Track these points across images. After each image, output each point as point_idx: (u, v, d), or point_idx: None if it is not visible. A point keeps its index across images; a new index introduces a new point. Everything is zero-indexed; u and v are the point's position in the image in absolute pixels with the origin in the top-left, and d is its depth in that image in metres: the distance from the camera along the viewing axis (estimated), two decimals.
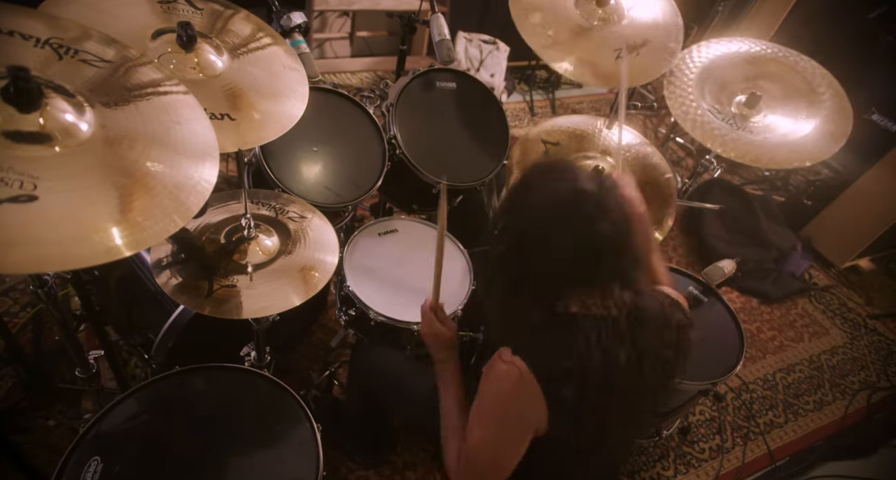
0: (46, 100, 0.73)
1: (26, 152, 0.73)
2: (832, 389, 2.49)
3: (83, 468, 1.09)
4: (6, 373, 1.78)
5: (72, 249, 0.72)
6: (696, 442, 2.13)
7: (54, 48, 0.79)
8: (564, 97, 3.70)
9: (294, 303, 1.17)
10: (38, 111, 0.72)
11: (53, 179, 0.74)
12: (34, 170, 0.73)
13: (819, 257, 3.07)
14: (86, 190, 0.76)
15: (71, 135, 0.75)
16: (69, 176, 0.76)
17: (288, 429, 1.27)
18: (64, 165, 0.77)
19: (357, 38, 3.23)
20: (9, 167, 0.72)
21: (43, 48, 0.78)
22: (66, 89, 0.77)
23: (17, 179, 0.72)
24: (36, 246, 0.70)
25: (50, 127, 0.73)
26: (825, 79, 1.61)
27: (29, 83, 0.66)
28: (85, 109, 0.78)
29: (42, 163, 0.75)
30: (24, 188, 0.71)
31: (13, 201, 0.70)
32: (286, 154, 1.49)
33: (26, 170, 0.73)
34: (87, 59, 0.81)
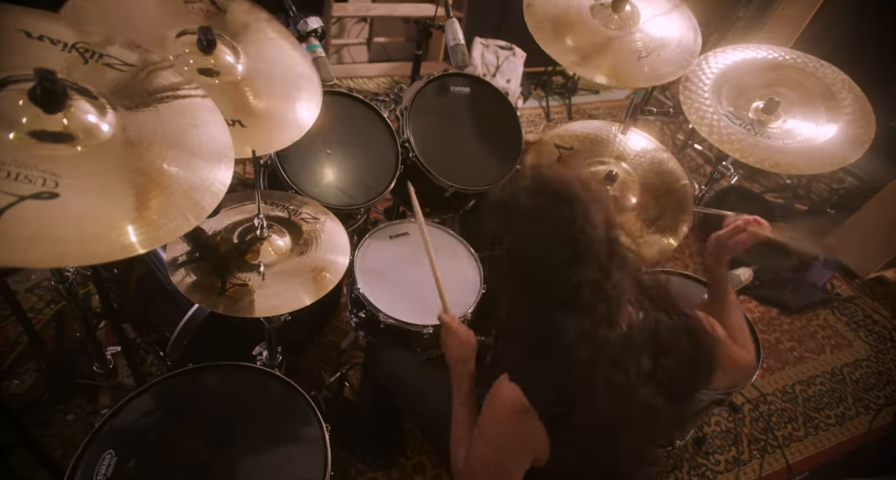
0: (70, 102, 0.76)
1: (49, 151, 0.76)
2: (855, 403, 2.42)
3: (97, 460, 1.12)
4: (30, 368, 1.83)
5: (90, 245, 0.74)
6: (711, 454, 2.09)
7: (80, 52, 0.82)
8: (581, 103, 3.69)
9: (305, 303, 1.18)
10: (63, 112, 0.75)
11: (74, 177, 0.76)
12: (56, 168, 0.76)
13: (842, 267, 3.00)
14: (105, 188, 0.79)
15: (92, 136, 0.78)
16: (89, 174, 0.79)
17: (297, 429, 1.28)
18: (85, 164, 0.79)
19: (375, 43, 3.27)
20: (33, 165, 0.75)
21: (70, 52, 0.82)
22: (89, 91, 0.80)
23: (41, 177, 0.74)
24: (56, 241, 0.73)
25: (73, 127, 0.76)
26: (846, 84, 1.58)
27: (55, 85, 0.69)
28: (107, 111, 0.80)
29: (64, 161, 0.77)
30: (47, 185, 0.74)
31: (36, 198, 0.72)
32: (301, 156, 1.52)
33: (49, 168, 0.76)
34: (111, 62, 0.84)
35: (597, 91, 3.80)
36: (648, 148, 1.89)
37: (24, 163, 0.74)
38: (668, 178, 1.82)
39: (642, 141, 1.91)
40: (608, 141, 1.89)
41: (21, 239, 0.69)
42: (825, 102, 1.55)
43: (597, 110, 3.71)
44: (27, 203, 0.72)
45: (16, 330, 1.91)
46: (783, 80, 1.62)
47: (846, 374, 2.54)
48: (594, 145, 1.87)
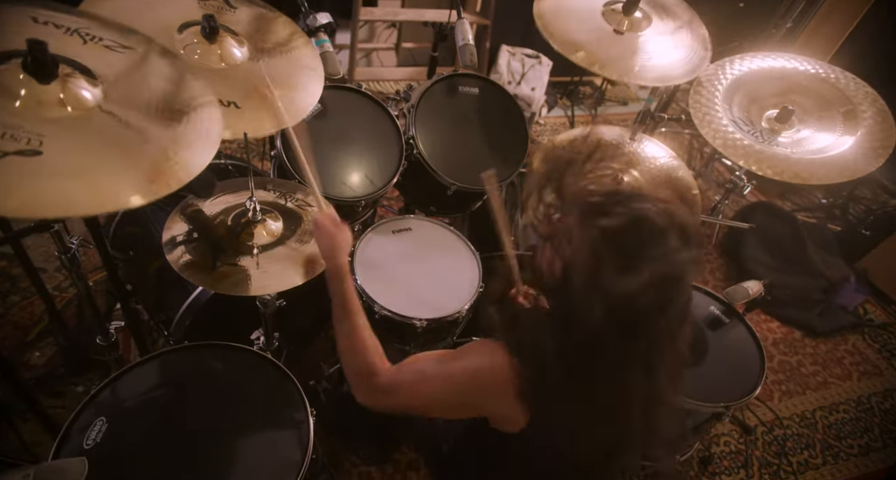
0: (65, 76, 0.82)
1: (36, 113, 0.80)
2: (882, 435, 2.29)
3: (89, 425, 1.17)
4: (50, 342, 1.94)
5: (70, 199, 0.78)
6: (717, 474, 2.01)
7: (81, 35, 0.87)
8: (608, 113, 3.65)
9: (295, 283, 1.21)
10: (58, 83, 0.81)
11: (58, 139, 0.80)
12: (42, 129, 0.80)
13: (876, 292, 2.86)
14: (89, 147, 0.83)
15: (81, 104, 0.83)
16: (73, 137, 0.83)
17: (285, 412, 1.30)
18: (68, 128, 0.83)
19: (402, 48, 3.34)
20: (19, 126, 0.79)
21: (71, 35, 0.87)
22: (82, 65, 0.86)
23: (26, 136, 0.79)
24: (36, 193, 0.75)
25: (67, 98, 0.82)
26: (868, 96, 1.52)
27: (45, 55, 0.75)
28: (97, 83, 0.86)
29: (49, 124, 0.81)
30: (31, 144, 0.78)
31: (19, 154, 0.76)
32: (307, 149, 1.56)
33: (34, 129, 0.80)
34: (109, 45, 0.89)
35: (625, 102, 3.76)
36: (660, 155, 1.86)
37: (11, 124, 0.78)
38: (678, 186, 1.79)
39: (655, 148, 1.88)
40: (619, 146, 1.87)
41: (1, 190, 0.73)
42: (843, 114, 1.50)
43: (624, 122, 3.66)
44: (10, 158, 0.76)
45: (41, 306, 2.02)
46: (799, 89, 1.57)
47: (874, 404, 2.40)
48: (604, 150, 1.86)
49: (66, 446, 1.15)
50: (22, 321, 1.99)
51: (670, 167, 1.81)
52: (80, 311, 2.05)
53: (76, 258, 1.14)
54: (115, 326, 1.41)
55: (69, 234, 1.18)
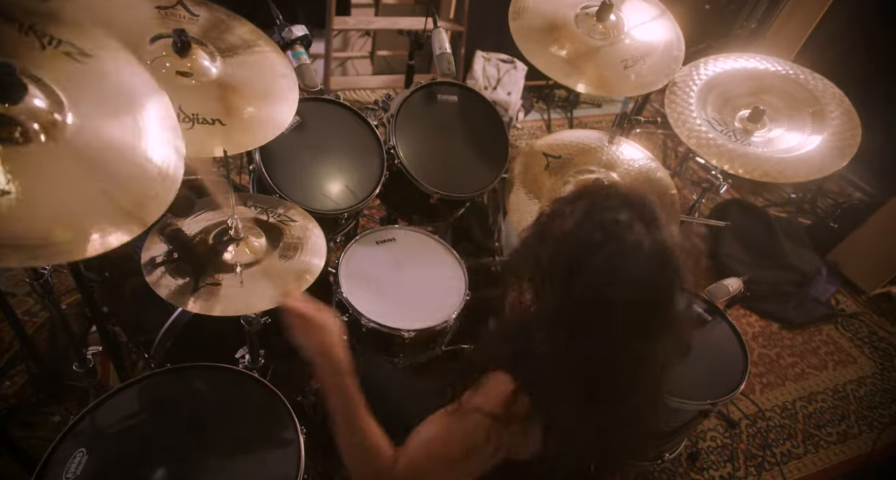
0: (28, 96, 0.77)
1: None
2: (858, 421, 2.35)
3: (68, 459, 1.12)
4: (21, 370, 1.86)
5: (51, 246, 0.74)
6: (705, 469, 2.04)
7: (38, 36, 0.81)
8: (583, 116, 3.70)
9: (275, 303, 1.18)
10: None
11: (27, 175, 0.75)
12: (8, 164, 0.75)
13: (847, 283, 2.95)
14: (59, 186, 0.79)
15: (53, 129, 0.79)
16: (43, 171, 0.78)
17: (274, 431, 1.28)
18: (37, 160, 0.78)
19: (378, 57, 3.33)
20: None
21: (27, 35, 0.80)
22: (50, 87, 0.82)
23: None
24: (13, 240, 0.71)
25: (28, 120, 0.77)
26: (835, 97, 1.57)
27: (13, 78, 0.71)
28: (64, 108, 0.82)
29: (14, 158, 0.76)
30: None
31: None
32: (286, 162, 1.54)
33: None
34: (69, 50, 0.84)
35: (599, 104, 3.81)
36: (638, 157, 1.88)
37: None
38: (657, 187, 1.81)
39: (632, 150, 1.91)
40: (598, 150, 1.89)
41: None
42: (810, 111, 1.54)
43: (599, 123, 3.71)
44: None
45: (11, 332, 1.94)
46: (770, 89, 1.61)
47: (850, 391, 2.47)
48: (584, 154, 1.88)
49: None
50: None
51: (649, 169, 1.84)
52: (52, 336, 1.97)
53: (49, 284, 1.10)
54: (91, 351, 1.36)
55: None
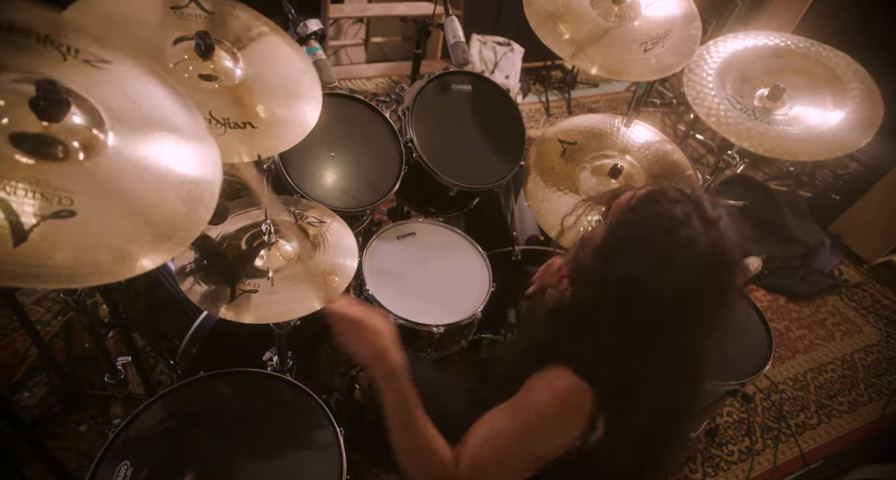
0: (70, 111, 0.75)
1: (56, 166, 0.74)
2: (867, 389, 2.41)
3: (114, 472, 1.11)
4: (40, 380, 1.83)
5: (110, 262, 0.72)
6: (724, 444, 2.08)
7: (57, 46, 0.78)
8: (581, 97, 3.67)
9: (314, 308, 1.17)
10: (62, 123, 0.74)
11: (86, 194, 0.74)
12: (67, 184, 0.73)
13: (850, 253, 2.99)
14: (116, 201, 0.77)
15: (94, 148, 0.77)
16: (99, 189, 0.77)
17: (311, 434, 1.28)
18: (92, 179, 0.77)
19: (372, 44, 3.26)
20: (45, 182, 0.72)
21: (45, 45, 0.78)
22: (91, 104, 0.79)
23: (55, 195, 0.71)
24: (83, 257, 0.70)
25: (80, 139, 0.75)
26: (858, 74, 1.55)
27: (58, 95, 0.68)
28: (104, 126, 0.79)
29: (72, 177, 0.75)
30: (63, 203, 0.71)
31: (55, 217, 0.69)
32: (304, 160, 1.51)
33: (61, 184, 0.73)
34: (88, 59, 0.81)
35: (596, 84, 3.79)
36: (652, 139, 1.87)
37: (37, 182, 0.71)
38: (673, 169, 1.81)
39: (646, 133, 1.90)
40: (611, 134, 1.88)
41: (49, 258, 0.67)
42: (831, 88, 1.53)
43: (596, 104, 3.69)
44: (49, 222, 0.69)
45: (24, 342, 1.91)
46: (789, 67, 1.60)
47: (857, 360, 2.53)
48: (597, 139, 1.86)
49: None
50: (5, 360, 1.88)
51: (664, 151, 1.83)
52: (67, 345, 1.95)
53: (82, 298, 1.07)
54: (122, 361, 1.34)
55: None
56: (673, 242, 0.84)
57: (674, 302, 0.85)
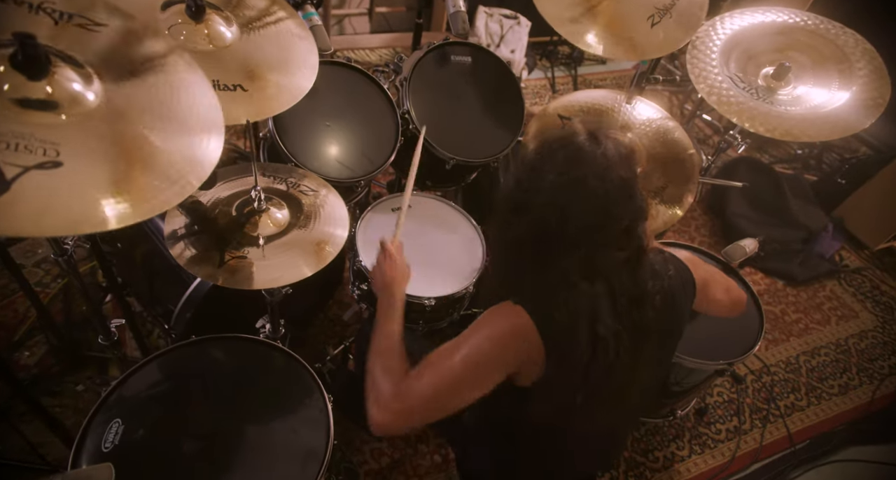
0: (54, 69, 0.74)
1: (36, 119, 0.74)
2: (859, 373, 2.42)
3: (105, 428, 1.14)
4: (39, 341, 1.87)
5: (101, 212, 0.73)
6: (712, 423, 2.11)
7: (48, 13, 0.79)
8: (587, 73, 3.61)
9: (305, 275, 1.18)
10: (47, 79, 0.73)
11: (72, 145, 0.75)
12: (53, 137, 0.74)
13: (852, 239, 2.97)
14: (103, 155, 0.77)
15: (78, 104, 0.76)
16: (84, 143, 0.77)
17: (301, 400, 1.30)
18: (74, 133, 0.78)
19: (376, 14, 3.20)
20: (30, 134, 0.73)
21: (37, 14, 0.79)
22: (74, 58, 0.78)
23: (40, 146, 0.73)
24: (66, 210, 0.71)
25: (58, 95, 0.75)
26: (858, 45, 1.52)
27: (37, 50, 0.67)
28: (93, 79, 0.79)
29: (57, 130, 0.76)
30: (48, 155, 0.72)
31: (40, 168, 0.71)
32: (300, 129, 1.50)
33: (46, 137, 0.74)
34: (82, 23, 0.81)
35: (604, 61, 3.72)
36: (655, 117, 1.85)
37: (21, 134, 0.72)
38: (674, 148, 1.78)
39: (648, 110, 1.87)
40: (613, 110, 1.85)
41: (31, 209, 0.68)
42: (838, 68, 1.50)
43: (603, 81, 3.63)
44: (32, 173, 0.70)
45: (25, 303, 1.94)
46: (796, 45, 1.56)
47: (851, 345, 2.53)
48: (599, 115, 1.84)
49: (84, 450, 1.12)
50: (5, 320, 1.91)
51: (666, 128, 1.81)
52: (66, 307, 1.98)
53: (73, 258, 1.08)
54: (115, 324, 1.36)
55: (62, 235, 1.11)
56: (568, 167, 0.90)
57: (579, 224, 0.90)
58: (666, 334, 1.06)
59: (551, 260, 0.94)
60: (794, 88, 1.50)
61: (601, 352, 0.94)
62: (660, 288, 0.99)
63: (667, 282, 1.00)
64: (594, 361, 0.95)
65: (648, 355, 1.03)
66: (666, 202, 1.69)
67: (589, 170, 0.88)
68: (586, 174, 0.88)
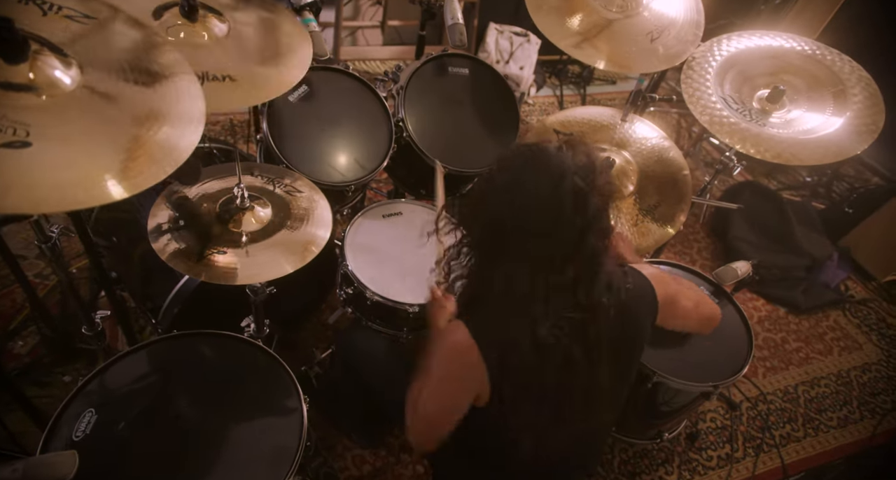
0: (36, 54, 0.77)
1: (13, 100, 0.77)
2: (860, 407, 2.35)
3: (78, 418, 1.15)
4: (34, 331, 1.90)
5: (66, 192, 0.75)
6: (703, 449, 2.06)
7: (38, 4, 0.83)
8: (596, 93, 3.63)
9: (286, 271, 1.19)
10: (27, 63, 0.76)
11: (44, 126, 0.77)
12: (25, 118, 0.77)
13: (859, 269, 2.91)
14: (74, 137, 0.80)
15: (56, 87, 0.79)
16: (58, 124, 0.79)
17: (278, 399, 1.30)
18: (51, 114, 0.80)
19: (388, 26, 3.26)
20: (2, 115, 0.76)
21: (27, 4, 0.82)
22: (53, 44, 0.81)
23: (10, 126, 0.75)
24: (32, 188, 0.73)
25: (38, 80, 0.77)
26: (862, 80, 1.51)
27: (13, 33, 0.70)
28: (71, 64, 0.82)
29: (31, 111, 0.78)
30: (18, 134, 0.75)
31: (8, 146, 0.74)
32: (293, 132, 1.53)
33: (18, 118, 0.77)
34: (70, 14, 0.85)
35: (614, 81, 3.73)
36: (651, 136, 1.85)
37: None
38: (669, 167, 1.78)
39: (645, 129, 1.87)
40: (610, 128, 1.86)
41: None
42: (833, 93, 1.49)
43: (612, 100, 3.64)
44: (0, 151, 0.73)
45: (23, 294, 1.97)
46: (792, 69, 1.56)
47: (853, 377, 2.47)
48: (595, 132, 1.84)
49: (54, 438, 1.13)
50: (3, 309, 1.95)
51: (661, 148, 1.80)
52: (63, 299, 2.01)
53: (57, 247, 1.11)
54: (100, 315, 1.38)
55: (49, 222, 1.14)
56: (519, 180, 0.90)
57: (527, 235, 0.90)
58: (623, 347, 1.05)
59: (498, 268, 0.94)
60: (788, 112, 1.50)
61: (549, 365, 0.94)
62: (615, 301, 0.97)
63: (624, 295, 0.99)
64: (542, 375, 0.95)
65: (606, 368, 1.02)
66: (658, 220, 1.68)
67: (544, 175, 0.88)
68: (539, 178, 0.88)
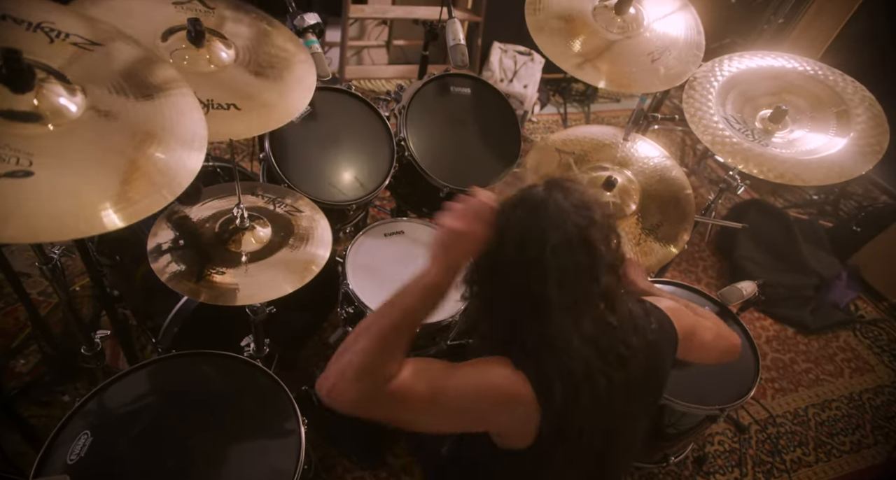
0: (41, 83, 0.78)
1: (20, 130, 0.78)
2: (874, 431, 2.30)
3: (73, 440, 1.14)
4: (35, 349, 1.90)
5: (66, 222, 0.76)
6: (711, 473, 2.01)
7: (45, 32, 0.84)
8: (600, 111, 3.64)
9: (285, 291, 1.19)
10: (33, 92, 0.77)
11: (48, 156, 0.78)
12: (29, 147, 0.78)
13: (869, 288, 2.87)
14: (78, 166, 0.81)
15: (62, 116, 0.80)
16: (62, 153, 0.81)
17: (276, 421, 1.28)
18: (57, 143, 0.81)
19: (394, 46, 3.30)
20: (5, 144, 0.77)
21: (34, 32, 0.84)
22: (59, 72, 0.82)
23: (14, 156, 0.77)
24: (32, 218, 0.74)
25: (43, 107, 0.78)
26: (866, 100, 1.50)
27: (20, 63, 0.71)
28: (76, 92, 0.83)
29: (36, 140, 0.79)
30: (21, 164, 0.76)
31: (10, 176, 0.74)
32: (295, 151, 1.54)
33: (22, 147, 0.78)
34: (77, 42, 0.86)
35: (618, 99, 3.75)
36: (653, 155, 1.84)
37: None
38: (671, 186, 1.77)
39: (648, 148, 1.87)
40: (612, 147, 1.85)
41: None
42: (836, 113, 1.49)
43: (616, 118, 3.65)
44: (1, 181, 0.74)
45: (25, 312, 1.98)
46: (794, 89, 1.56)
47: (866, 400, 2.41)
48: (598, 151, 1.84)
49: (49, 461, 1.12)
50: (6, 327, 1.95)
51: (664, 167, 1.80)
52: (65, 318, 2.01)
53: (58, 268, 1.11)
54: (100, 335, 1.38)
55: (51, 244, 1.15)
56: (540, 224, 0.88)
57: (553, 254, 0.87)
58: (648, 390, 1.03)
59: (539, 320, 0.90)
60: (790, 132, 1.49)
61: (596, 416, 0.91)
62: (643, 343, 0.95)
63: (650, 336, 0.97)
64: (589, 425, 0.92)
65: (631, 412, 1.00)
66: (660, 239, 1.67)
67: (546, 224, 0.87)
68: (544, 228, 0.87)
